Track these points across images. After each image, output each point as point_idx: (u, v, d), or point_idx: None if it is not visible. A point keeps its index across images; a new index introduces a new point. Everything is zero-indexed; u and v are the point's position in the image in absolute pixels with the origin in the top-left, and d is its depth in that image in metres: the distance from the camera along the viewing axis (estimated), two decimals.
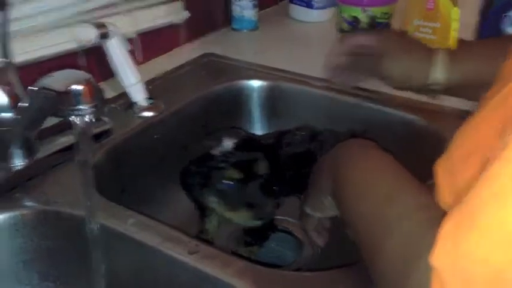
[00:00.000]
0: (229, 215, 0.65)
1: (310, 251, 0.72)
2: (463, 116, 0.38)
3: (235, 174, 0.63)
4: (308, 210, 0.60)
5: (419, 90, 0.67)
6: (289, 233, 0.77)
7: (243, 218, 0.65)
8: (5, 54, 0.58)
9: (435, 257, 0.30)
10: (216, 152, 0.63)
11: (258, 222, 0.64)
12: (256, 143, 0.69)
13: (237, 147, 0.63)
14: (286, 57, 0.95)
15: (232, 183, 0.63)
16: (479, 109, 0.37)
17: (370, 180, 0.46)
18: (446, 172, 0.36)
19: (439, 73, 0.62)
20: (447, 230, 0.30)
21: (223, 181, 0.63)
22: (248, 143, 0.66)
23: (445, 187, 0.36)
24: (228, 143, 0.63)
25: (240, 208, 0.63)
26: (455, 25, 0.68)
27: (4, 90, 0.57)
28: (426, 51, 0.64)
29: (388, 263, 0.38)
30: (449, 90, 0.64)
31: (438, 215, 0.35)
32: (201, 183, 0.64)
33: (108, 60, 0.74)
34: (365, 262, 0.42)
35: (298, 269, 0.69)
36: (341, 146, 0.56)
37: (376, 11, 0.77)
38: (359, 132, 0.74)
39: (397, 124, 0.77)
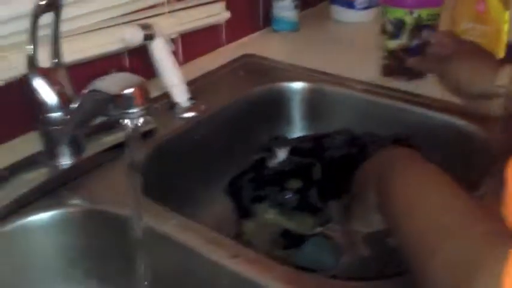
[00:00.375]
0: (290, 224, 0.64)
1: (348, 257, 0.71)
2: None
3: (295, 183, 0.62)
4: (357, 227, 0.60)
5: (477, 97, 0.64)
6: (328, 237, 0.76)
7: (306, 226, 0.64)
8: (56, 55, 0.60)
9: None
10: (271, 163, 0.63)
11: (321, 228, 0.64)
12: (305, 149, 0.69)
13: (289, 156, 0.63)
14: (327, 59, 0.95)
15: (291, 194, 0.62)
16: None
17: (418, 196, 0.45)
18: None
19: (503, 80, 0.60)
20: None
21: (286, 192, 0.62)
22: (298, 150, 0.66)
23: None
24: (282, 154, 0.63)
25: (302, 216, 0.63)
26: (506, 28, 0.66)
27: (54, 91, 0.59)
28: (494, 58, 0.64)
29: (440, 275, 0.37)
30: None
31: (494, 229, 0.34)
32: (255, 196, 0.64)
33: (152, 61, 0.75)
34: (413, 272, 0.41)
35: (334, 276, 0.69)
36: (383, 156, 0.55)
37: (423, 12, 0.75)
38: (402, 137, 0.73)
39: (443, 129, 0.75)
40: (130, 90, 0.44)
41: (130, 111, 0.44)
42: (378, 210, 0.53)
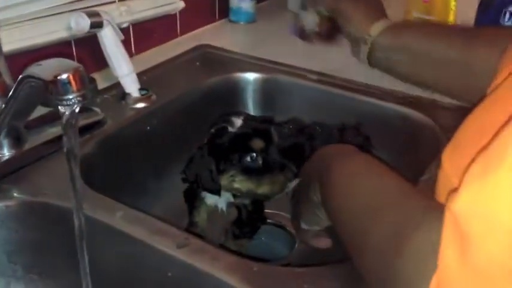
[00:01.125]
0: (262, 189, 0.62)
1: (301, 245, 0.71)
2: (458, 110, 0.37)
3: (259, 143, 0.61)
4: (305, 226, 0.59)
5: (355, 41, 0.65)
6: (281, 226, 0.76)
7: (278, 186, 0.62)
8: None
9: (456, 202, 0.29)
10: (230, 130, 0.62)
11: (289, 188, 0.62)
12: (259, 119, 0.68)
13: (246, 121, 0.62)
14: (283, 50, 0.94)
15: (256, 154, 0.61)
16: (487, 97, 0.36)
17: (352, 184, 0.46)
18: (454, 159, 0.35)
19: (374, 31, 0.62)
20: (473, 172, 0.29)
21: (250, 153, 0.61)
22: (252, 118, 0.66)
23: (452, 173, 0.34)
24: (238, 120, 0.62)
25: (271, 177, 0.61)
26: (451, 18, 0.67)
27: None
28: (381, 9, 0.65)
29: (376, 249, 0.37)
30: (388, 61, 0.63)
31: (427, 204, 0.35)
32: (217, 169, 0.62)
33: (102, 50, 0.73)
34: (353, 258, 0.41)
35: (288, 264, 0.68)
36: (320, 155, 0.55)
37: None
38: (350, 125, 0.73)
39: (392, 117, 0.76)
40: (65, 75, 0.43)
41: (66, 97, 0.43)
42: (322, 207, 0.53)
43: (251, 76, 0.87)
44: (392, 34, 0.61)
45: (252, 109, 0.88)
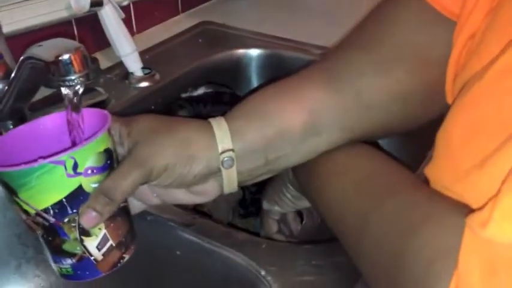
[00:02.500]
0: None
1: (309, 222, 0.71)
2: None
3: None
4: (265, 204, 0.55)
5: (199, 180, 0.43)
6: None
7: None
8: None
9: (488, 228, 0.26)
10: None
11: None
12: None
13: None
14: (287, 25, 0.93)
15: None
16: (469, 88, 0.32)
17: (349, 164, 0.43)
18: (444, 150, 0.33)
19: (227, 139, 0.42)
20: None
21: None
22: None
23: (446, 168, 0.33)
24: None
25: None
26: None
27: None
28: (196, 123, 0.44)
29: (376, 240, 0.35)
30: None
31: (434, 197, 0.33)
32: None
33: (103, 30, 0.72)
34: (348, 248, 0.40)
35: (296, 241, 0.69)
36: None
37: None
38: None
39: None
40: (67, 55, 0.42)
41: (68, 78, 0.42)
42: (295, 184, 0.50)
43: (254, 52, 0.86)
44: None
45: (256, 84, 0.87)
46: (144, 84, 0.74)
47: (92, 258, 0.40)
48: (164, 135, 0.42)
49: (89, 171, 0.38)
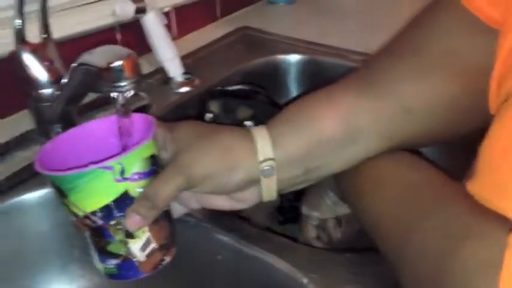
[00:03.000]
0: None
1: (348, 229, 0.71)
2: None
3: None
4: (305, 209, 0.55)
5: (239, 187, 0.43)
6: None
7: None
8: (45, 30, 0.58)
9: None
10: None
11: None
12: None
13: None
14: (323, 31, 0.93)
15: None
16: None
17: (389, 174, 0.43)
18: (486, 165, 0.32)
19: (268, 148, 0.42)
20: None
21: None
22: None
23: (489, 184, 0.32)
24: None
25: None
26: None
27: (44, 66, 0.58)
28: (238, 131, 0.44)
29: (418, 251, 0.35)
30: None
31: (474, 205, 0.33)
32: None
33: (145, 35, 0.74)
34: (388, 257, 0.40)
35: (337, 249, 0.68)
36: None
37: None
38: None
39: None
40: (119, 62, 0.43)
41: (120, 84, 0.43)
42: (336, 190, 0.50)
43: (293, 58, 0.86)
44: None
45: (294, 90, 0.87)
46: (184, 89, 0.76)
47: (135, 259, 0.42)
48: (206, 143, 0.42)
49: (135, 177, 0.40)
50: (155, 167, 0.42)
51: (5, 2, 0.61)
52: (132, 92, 0.44)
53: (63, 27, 0.68)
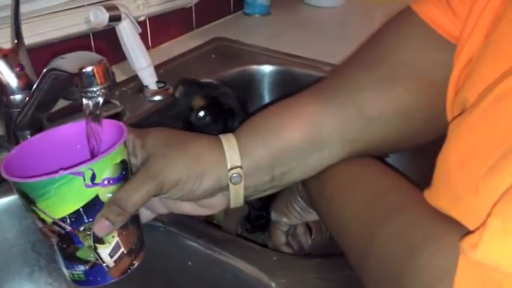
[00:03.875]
0: None
1: (318, 236, 0.71)
2: None
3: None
4: (274, 215, 0.55)
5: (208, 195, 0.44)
6: None
7: None
8: (16, 36, 0.58)
9: (477, 252, 0.27)
10: None
11: None
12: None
13: None
14: (298, 43, 0.95)
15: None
16: (470, 110, 0.33)
17: (353, 179, 0.44)
18: (442, 175, 0.34)
19: (236, 156, 0.43)
20: (494, 227, 0.27)
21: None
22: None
23: (443, 193, 0.33)
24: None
25: None
26: None
27: (14, 72, 0.57)
28: (207, 140, 0.45)
29: (380, 258, 0.36)
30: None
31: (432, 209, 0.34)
32: None
33: (120, 43, 0.74)
34: (353, 263, 0.41)
35: (306, 254, 0.69)
36: None
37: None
38: None
39: None
40: (90, 68, 0.43)
41: (91, 89, 0.43)
42: (303, 196, 0.51)
43: (267, 68, 0.87)
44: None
45: (267, 100, 0.88)
46: (158, 97, 0.76)
47: (104, 265, 0.42)
48: (176, 150, 0.43)
49: (106, 182, 0.40)
50: (125, 173, 0.41)
51: None
52: (102, 98, 0.44)
53: (37, 33, 0.68)
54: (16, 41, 0.58)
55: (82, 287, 0.43)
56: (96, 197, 0.39)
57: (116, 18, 0.70)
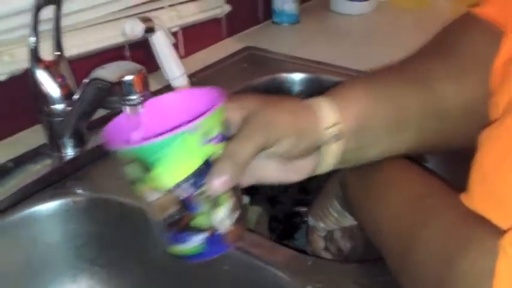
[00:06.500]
0: None
1: (357, 241, 0.71)
2: None
3: None
4: (311, 220, 0.55)
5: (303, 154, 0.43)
6: None
7: None
8: (58, 48, 0.61)
9: None
10: None
11: None
12: None
13: None
14: (327, 50, 0.95)
15: None
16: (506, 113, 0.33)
17: (390, 184, 0.44)
18: (479, 178, 0.34)
19: (334, 116, 0.42)
20: None
21: None
22: None
23: (481, 196, 0.34)
24: None
25: None
26: None
27: (56, 83, 0.60)
28: (304, 101, 0.44)
29: (421, 260, 0.36)
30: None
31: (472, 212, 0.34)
32: None
33: (154, 54, 0.76)
34: (392, 265, 0.41)
35: (342, 260, 0.69)
36: None
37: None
38: None
39: None
40: (130, 77, 0.45)
41: (130, 97, 0.45)
42: (341, 200, 0.51)
43: (296, 76, 0.88)
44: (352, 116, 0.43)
45: None
46: None
47: (219, 232, 0.39)
48: (275, 108, 0.42)
49: (216, 140, 0.38)
50: (228, 131, 0.40)
51: (20, 21, 0.63)
52: (142, 106, 0.46)
53: (75, 45, 0.71)
54: (57, 53, 0.61)
55: (198, 260, 0.40)
56: (209, 157, 0.38)
57: (150, 30, 0.72)
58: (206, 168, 0.38)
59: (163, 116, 0.43)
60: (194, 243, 0.39)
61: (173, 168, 0.37)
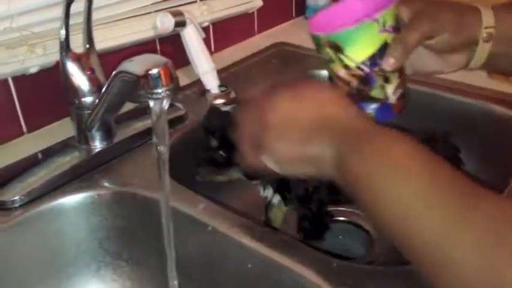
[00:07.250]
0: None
1: (381, 245, 0.69)
2: None
3: None
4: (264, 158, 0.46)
5: (461, 47, 0.52)
6: (358, 225, 0.75)
7: None
8: (89, 41, 0.61)
9: None
10: None
11: None
12: None
13: None
14: None
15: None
16: None
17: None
18: None
19: (491, 19, 0.51)
20: None
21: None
22: None
23: None
24: None
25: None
26: None
27: (86, 75, 0.60)
28: (466, 4, 0.53)
29: (463, 268, 0.33)
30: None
31: None
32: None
33: (184, 48, 0.76)
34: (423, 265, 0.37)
35: (367, 262, 0.67)
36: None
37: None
38: (436, 135, 0.70)
39: (477, 116, 0.72)
40: (156, 70, 0.45)
41: (156, 91, 0.45)
42: (338, 172, 0.43)
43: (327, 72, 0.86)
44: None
45: None
46: (220, 101, 0.77)
47: (389, 102, 0.50)
48: (440, 7, 0.51)
49: (391, 29, 0.48)
50: (399, 24, 0.50)
51: (52, 14, 0.64)
52: (169, 99, 0.45)
53: (106, 39, 0.71)
54: (88, 46, 0.61)
55: None
56: (385, 41, 0.48)
57: (181, 24, 0.72)
58: (383, 50, 0.48)
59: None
60: (369, 110, 0.51)
61: (360, 49, 0.48)
